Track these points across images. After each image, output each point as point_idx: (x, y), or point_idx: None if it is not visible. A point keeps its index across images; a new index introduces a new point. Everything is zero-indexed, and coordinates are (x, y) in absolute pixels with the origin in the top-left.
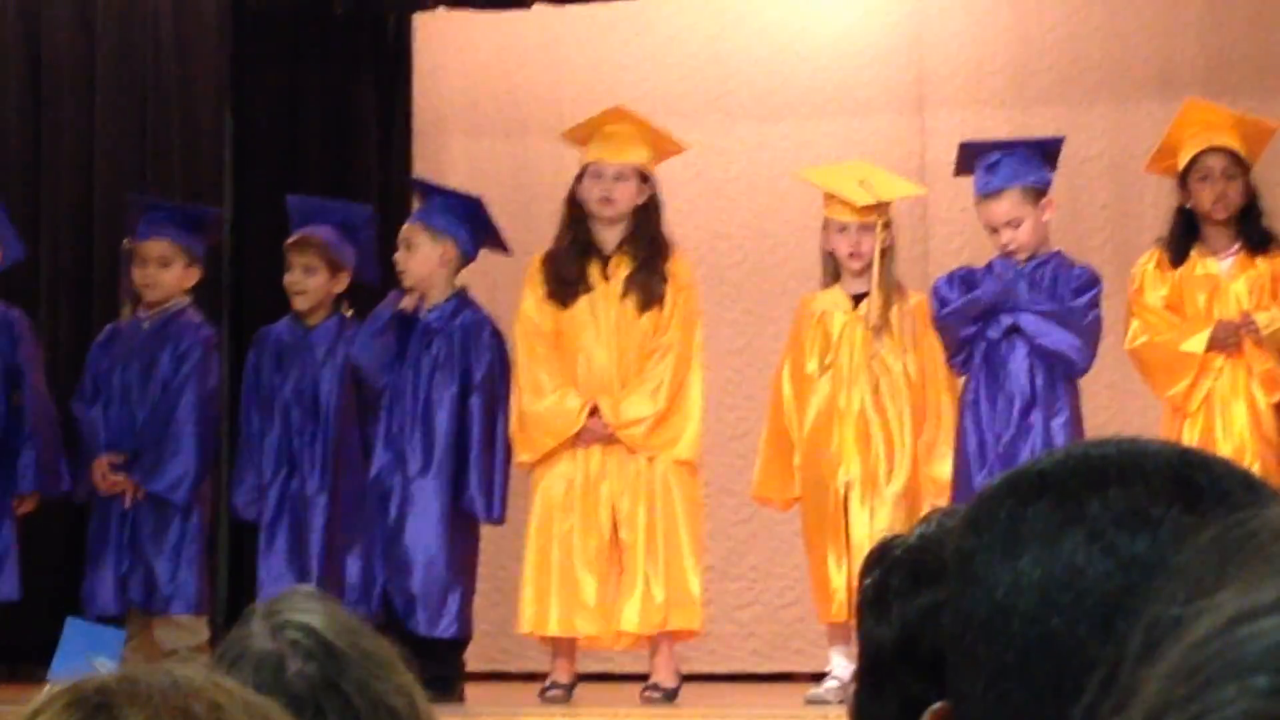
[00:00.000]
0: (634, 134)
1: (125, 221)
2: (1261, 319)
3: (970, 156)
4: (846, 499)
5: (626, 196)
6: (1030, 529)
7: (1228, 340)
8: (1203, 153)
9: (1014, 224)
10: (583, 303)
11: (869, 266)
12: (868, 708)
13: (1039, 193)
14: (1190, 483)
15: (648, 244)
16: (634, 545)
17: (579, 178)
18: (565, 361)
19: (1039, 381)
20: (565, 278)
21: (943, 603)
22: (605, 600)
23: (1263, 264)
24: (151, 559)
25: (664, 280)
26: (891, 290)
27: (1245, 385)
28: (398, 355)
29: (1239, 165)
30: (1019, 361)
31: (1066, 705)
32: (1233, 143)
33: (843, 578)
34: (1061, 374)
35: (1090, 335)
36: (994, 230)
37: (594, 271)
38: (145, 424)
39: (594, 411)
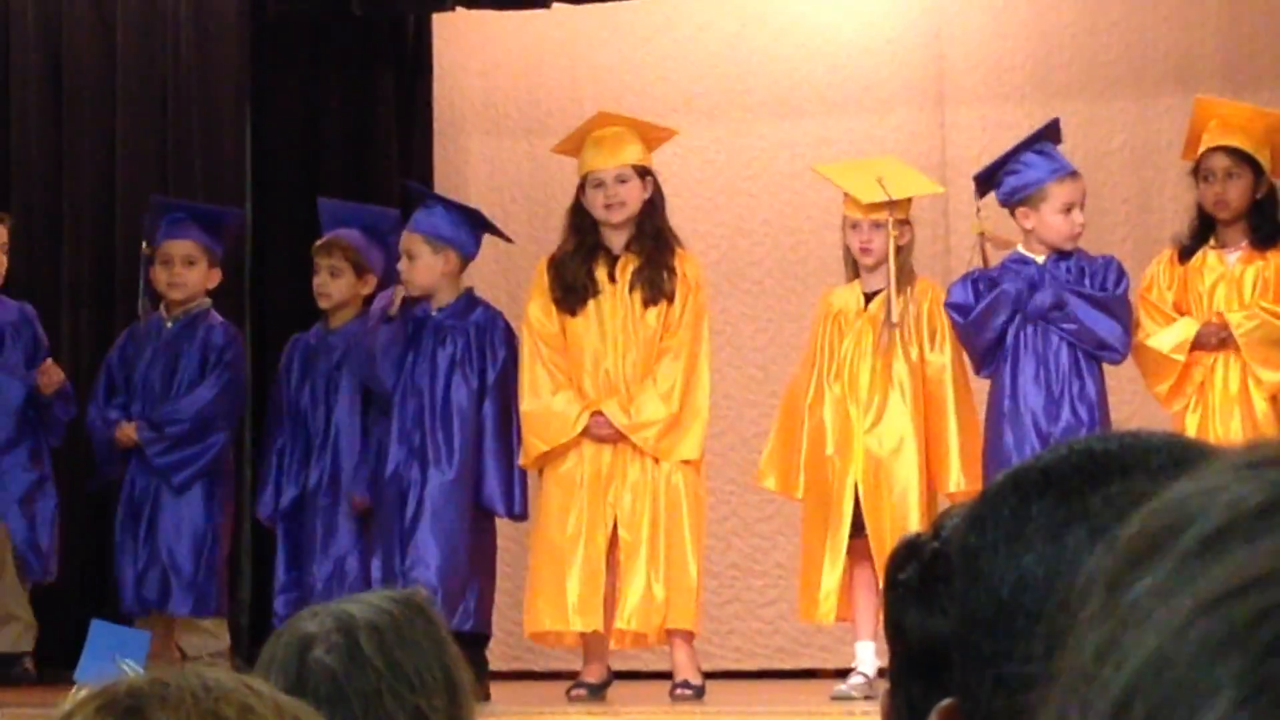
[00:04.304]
0: (623, 134)
1: (143, 223)
2: (1234, 319)
3: (1048, 135)
4: (858, 499)
5: (633, 196)
6: (1034, 525)
7: (1209, 343)
8: (1208, 151)
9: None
10: (590, 307)
11: (881, 262)
12: (920, 705)
13: None
14: None
15: (654, 239)
16: (635, 544)
17: (580, 188)
18: (571, 364)
19: (1077, 368)
20: (572, 284)
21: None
22: (607, 598)
23: (1273, 258)
24: (168, 560)
25: (672, 275)
26: (904, 283)
27: (1241, 378)
28: (407, 352)
29: (1245, 163)
30: (1054, 348)
31: None
32: (1240, 140)
33: (834, 580)
34: (1097, 361)
35: (1129, 323)
36: (1067, 211)
37: (601, 274)
38: (169, 414)
39: (597, 414)
